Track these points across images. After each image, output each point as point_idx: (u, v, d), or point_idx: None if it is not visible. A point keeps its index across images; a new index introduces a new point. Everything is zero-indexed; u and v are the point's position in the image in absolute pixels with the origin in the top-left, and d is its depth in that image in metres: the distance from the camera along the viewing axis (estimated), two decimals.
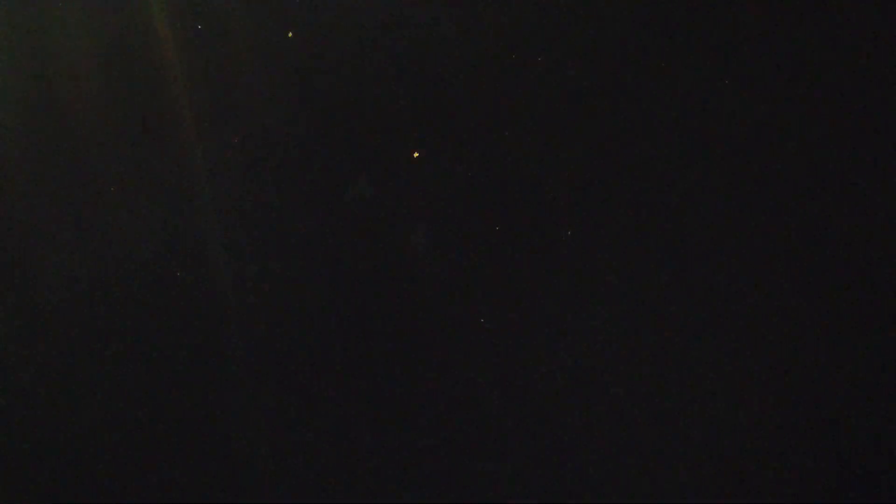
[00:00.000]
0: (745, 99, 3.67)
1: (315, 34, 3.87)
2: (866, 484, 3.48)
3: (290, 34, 3.83)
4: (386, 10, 3.83)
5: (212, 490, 3.77)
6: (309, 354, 3.80)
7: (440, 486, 3.69)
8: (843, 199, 3.60)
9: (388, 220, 3.78)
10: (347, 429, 3.75)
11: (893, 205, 3.57)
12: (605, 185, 3.72)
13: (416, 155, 3.29)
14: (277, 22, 3.87)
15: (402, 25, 3.82)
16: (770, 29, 3.66)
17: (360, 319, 3.78)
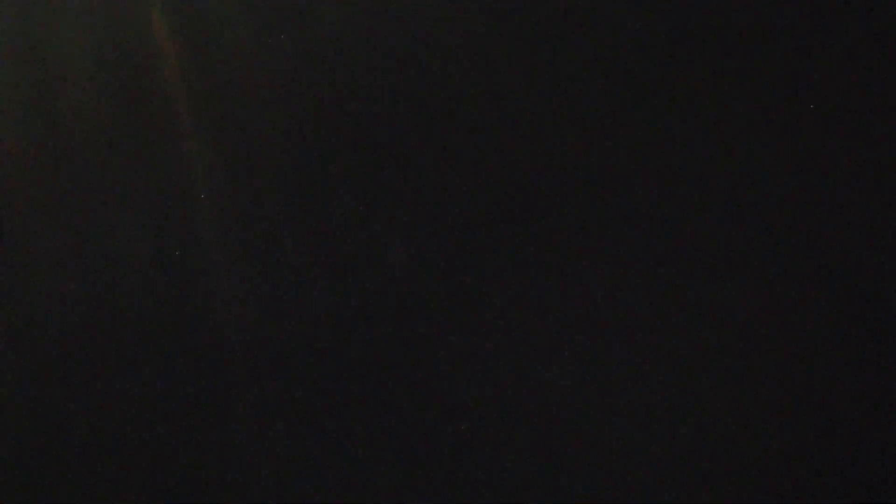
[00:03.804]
0: (744, 101, 3.68)
1: (309, 46, 3.88)
2: (866, 484, 3.49)
3: (282, 36, 3.83)
4: (379, 22, 3.83)
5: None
6: (299, 361, 3.81)
7: (431, 489, 3.70)
8: (843, 199, 3.61)
9: (373, 233, 3.80)
10: (334, 435, 3.76)
11: (893, 205, 3.57)
12: (592, 198, 3.72)
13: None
14: (273, 32, 3.88)
15: (396, 36, 3.82)
16: (769, 29, 3.67)
17: (348, 327, 3.80)
